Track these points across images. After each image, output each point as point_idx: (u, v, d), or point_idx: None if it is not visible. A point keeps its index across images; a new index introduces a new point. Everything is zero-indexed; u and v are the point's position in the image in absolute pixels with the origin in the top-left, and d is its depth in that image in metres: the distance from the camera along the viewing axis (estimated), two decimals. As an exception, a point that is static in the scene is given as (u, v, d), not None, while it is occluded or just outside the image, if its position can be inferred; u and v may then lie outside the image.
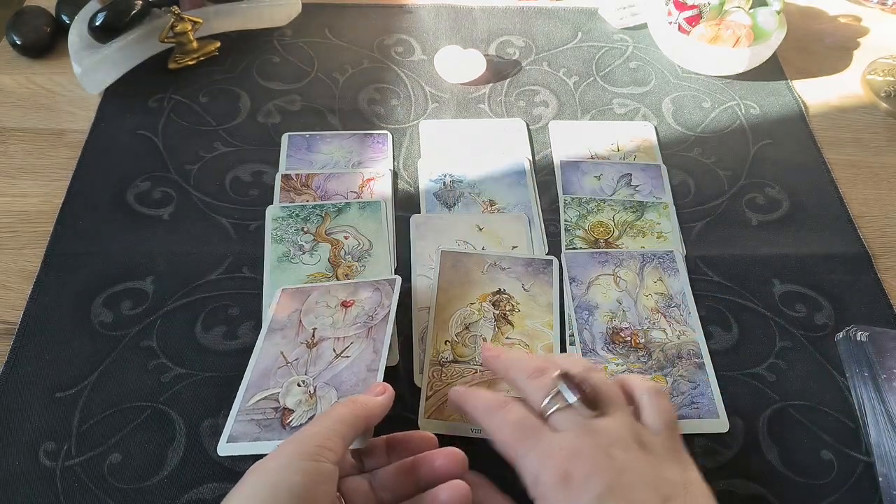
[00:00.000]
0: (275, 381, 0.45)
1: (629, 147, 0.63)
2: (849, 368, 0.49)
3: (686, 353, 0.49)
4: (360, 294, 0.50)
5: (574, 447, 0.35)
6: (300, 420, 0.43)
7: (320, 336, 0.47)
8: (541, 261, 0.53)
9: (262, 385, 0.45)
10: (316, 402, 0.44)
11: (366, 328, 0.47)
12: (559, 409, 0.37)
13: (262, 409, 0.44)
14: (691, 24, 0.67)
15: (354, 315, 0.48)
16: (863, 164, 0.64)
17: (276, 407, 0.44)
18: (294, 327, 0.48)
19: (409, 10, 0.74)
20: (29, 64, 0.66)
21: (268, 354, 0.47)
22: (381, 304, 0.48)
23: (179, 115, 0.62)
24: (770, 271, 0.55)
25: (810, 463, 0.45)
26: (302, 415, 0.43)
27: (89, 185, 0.57)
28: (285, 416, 0.44)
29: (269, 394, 0.45)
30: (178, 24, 0.63)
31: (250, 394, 0.45)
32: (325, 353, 0.46)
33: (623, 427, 0.36)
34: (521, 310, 0.51)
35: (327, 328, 0.48)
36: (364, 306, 0.49)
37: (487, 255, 0.53)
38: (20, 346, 0.47)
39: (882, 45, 0.75)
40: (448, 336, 0.49)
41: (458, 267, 0.52)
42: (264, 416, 0.44)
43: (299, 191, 0.57)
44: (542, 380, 0.38)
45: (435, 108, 0.65)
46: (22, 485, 0.42)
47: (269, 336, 0.48)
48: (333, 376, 0.45)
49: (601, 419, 0.36)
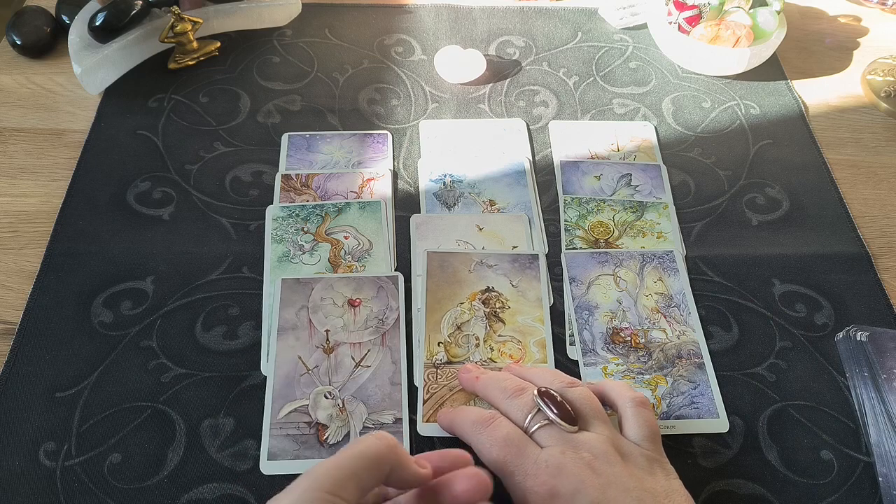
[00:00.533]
0: (300, 391, 0.46)
1: (629, 147, 0.63)
2: (849, 368, 0.49)
3: (686, 353, 0.49)
4: (364, 291, 0.50)
5: (559, 463, 0.35)
6: (336, 437, 0.44)
7: (335, 340, 0.48)
8: (527, 256, 0.53)
9: (287, 395, 0.46)
10: (347, 417, 0.45)
11: (379, 334, 0.48)
12: (541, 427, 0.38)
13: (296, 422, 0.44)
14: (691, 24, 0.67)
15: (365, 317, 0.49)
16: (863, 164, 0.64)
17: (308, 422, 0.45)
18: (306, 328, 0.48)
19: (409, 10, 0.74)
20: (29, 64, 0.66)
21: (285, 359, 0.47)
22: (389, 307, 0.49)
23: (179, 115, 0.62)
24: (770, 271, 0.55)
25: (810, 463, 0.45)
26: (336, 431, 0.44)
27: (89, 185, 0.57)
28: (321, 432, 0.44)
29: (298, 405, 0.45)
30: (178, 24, 0.63)
31: (278, 405, 0.45)
32: (345, 361, 0.47)
33: (605, 441, 0.37)
34: (512, 306, 0.51)
35: (340, 331, 0.48)
36: (372, 308, 0.49)
37: (473, 254, 0.53)
38: (20, 346, 0.47)
39: (882, 45, 0.75)
40: (440, 337, 0.49)
41: (445, 267, 0.52)
42: (299, 432, 0.44)
43: (299, 191, 0.57)
44: (523, 399, 0.39)
45: (435, 108, 0.65)
46: (22, 485, 0.42)
47: (282, 336, 0.48)
48: (359, 388, 0.46)
49: (583, 434, 0.38)
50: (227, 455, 0.44)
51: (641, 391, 0.47)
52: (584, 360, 0.49)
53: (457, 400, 0.46)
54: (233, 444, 0.44)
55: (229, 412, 0.45)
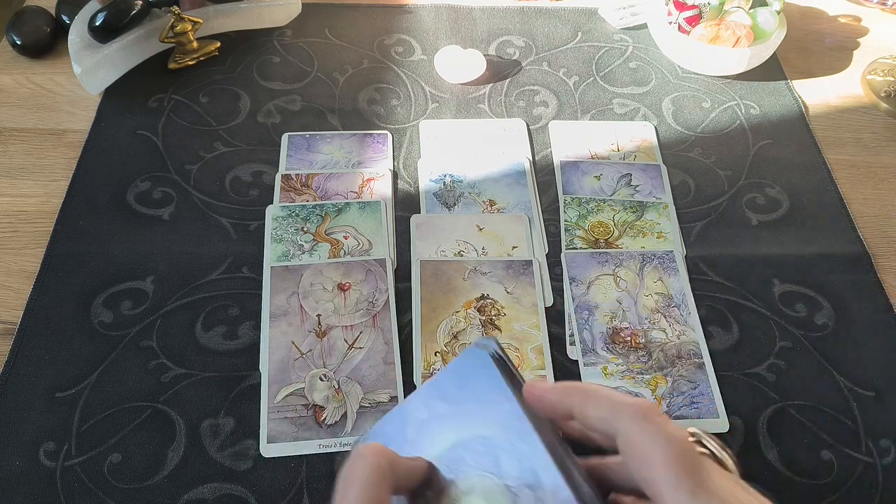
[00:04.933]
0: (295, 375, 0.47)
1: (629, 147, 0.63)
2: None
3: (686, 353, 0.49)
4: (352, 275, 0.51)
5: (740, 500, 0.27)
6: (334, 417, 0.45)
7: (327, 324, 0.49)
8: (521, 262, 0.53)
9: (282, 379, 0.47)
10: (344, 397, 0.46)
11: (370, 316, 0.49)
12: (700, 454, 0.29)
13: (293, 405, 0.45)
14: (691, 24, 0.67)
15: (355, 300, 0.50)
16: (863, 164, 0.64)
17: (305, 404, 0.46)
18: (297, 314, 0.49)
19: (409, 10, 0.74)
20: (29, 64, 0.66)
21: (279, 344, 0.48)
22: (378, 289, 0.50)
23: (179, 115, 0.62)
24: (770, 271, 0.55)
25: (810, 463, 0.45)
26: (334, 412, 0.45)
27: (89, 185, 0.57)
28: (318, 413, 0.45)
29: (294, 389, 0.46)
30: (178, 24, 0.63)
31: (274, 389, 0.46)
32: (338, 344, 0.48)
33: None
34: (507, 313, 0.51)
35: (331, 315, 0.49)
36: (362, 291, 0.50)
37: (467, 261, 0.53)
38: (20, 346, 0.47)
39: (882, 45, 0.75)
40: (437, 347, 0.49)
41: (438, 276, 0.52)
42: (297, 415, 0.45)
43: (299, 191, 0.57)
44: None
45: (435, 108, 0.65)
46: (22, 485, 0.42)
47: (274, 322, 0.49)
48: (353, 370, 0.47)
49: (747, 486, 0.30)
50: (226, 455, 0.44)
51: (641, 391, 0.47)
52: (584, 359, 0.49)
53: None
54: (233, 444, 0.44)
55: (229, 412, 0.45)
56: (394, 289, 0.51)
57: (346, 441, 0.44)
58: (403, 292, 0.51)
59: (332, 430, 0.45)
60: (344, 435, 0.44)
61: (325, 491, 0.43)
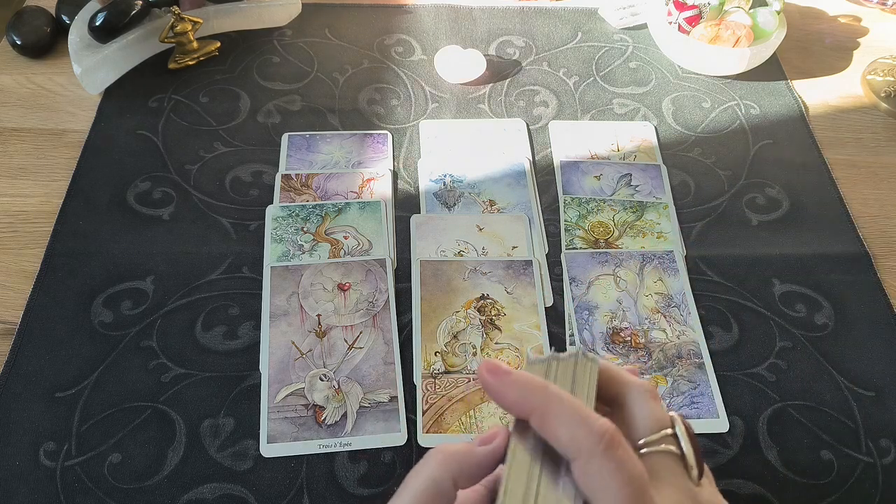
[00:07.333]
0: (295, 375, 0.47)
1: (629, 147, 0.63)
2: None
3: (686, 353, 0.49)
4: (353, 275, 0.51)
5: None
6: (334, 417, 0.45)
7: (327, 324, 0.49)
8: (520, 262, 0.53)
9: (282, 379, 0.47)
10: (344, 397, 0.46)
11: (370, 316, 0.49)
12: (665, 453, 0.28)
13: (293, 405, 0.45)
14: (691, 24, 0.67)
15: (355, 301, 0.50)
16: (863, 164, 0.64)
17: (305, 404, 0.46)
18: (297, 313, 0.49)
19: (409, 10, 0.74)
20: (29, 64, 0.66)
21: (278, 344, 0.48)
22: (378, 290, 0.51)
23: (179, 115, 0.62)
24: (770, 271, 0.55)
25: (810, 463, 0.45)
26: (333, 412, 0.45)
27: (89, 185, 0.57)
28: (318, 413, 0.45)
29: (293, 389, 0.46)
30: (178, 24, 0.63)
31: (274, 389, 0.46)
32: (338, 344, 0.48)
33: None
34: (507, 313, 0.51)
35: (331, 315, 0.49)
36: (362, 291, 0.51)
37: (467, 262, 0.53)
38: (20, 346, 0.47)
39: (882, 45, 0.75)
40: (437, 347, 0.49)
41: (438, 276, 0.52)
42: (297, 414, 0.45)
43: (299, 191, 0.57)
44: (661, 410, 0.30)
45: (435, 108, 0.65)
46: (22, 485, 0.42)
47: (274, 323, 0.49)
48: (353, 370, 0.47)
49: (702, 490, 0.28)
50: (226, 455, 0.44)
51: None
52: (584, 360, 0.49)
53: (457, 410, 0.46)
54: (233, 444, 0.44)
55: (229, 412, 0.45)
56: (394, 289, 0.51)
57: (345, 441, 0.44)
58: (403, 292, 0.51)
59: (332, 430, 0.45)
60: (344, 435, 0.45)
61: (325, 491, 0.43)
